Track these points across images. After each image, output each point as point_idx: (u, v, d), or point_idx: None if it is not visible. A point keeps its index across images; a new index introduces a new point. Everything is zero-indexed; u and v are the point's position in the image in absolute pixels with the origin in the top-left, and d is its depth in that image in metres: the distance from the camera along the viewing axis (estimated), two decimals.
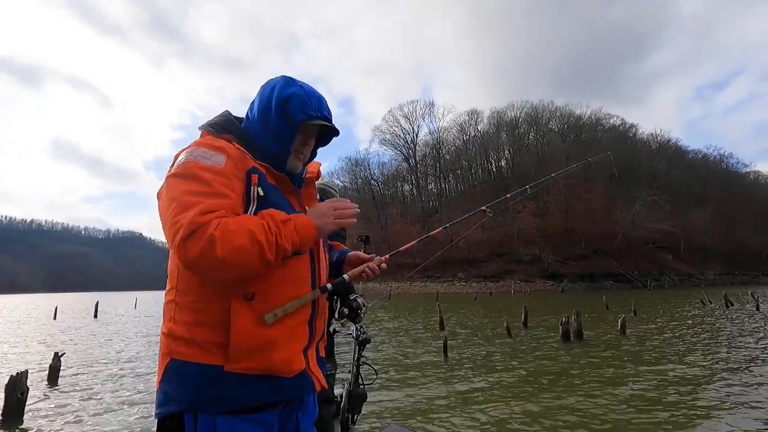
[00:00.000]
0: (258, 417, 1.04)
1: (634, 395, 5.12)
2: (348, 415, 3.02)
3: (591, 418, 4.39)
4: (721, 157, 75.76)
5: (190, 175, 1.02)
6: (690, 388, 5.31)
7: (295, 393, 1.12)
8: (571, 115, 70.80)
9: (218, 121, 1.20)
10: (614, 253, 49.76)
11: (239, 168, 1.07)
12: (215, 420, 0.99)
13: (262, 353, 1.03)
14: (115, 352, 9.59)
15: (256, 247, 0.95)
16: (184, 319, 1.04)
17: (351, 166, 77.19)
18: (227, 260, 0.93)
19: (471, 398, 5.22)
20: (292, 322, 1.09)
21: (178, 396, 1.00)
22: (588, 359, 7.49)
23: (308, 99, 1.16)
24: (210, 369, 1.00)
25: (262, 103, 1.19)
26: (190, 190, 0.99)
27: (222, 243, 0.92)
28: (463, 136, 73.42)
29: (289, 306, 1.06)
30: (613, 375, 6.22)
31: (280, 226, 1.01)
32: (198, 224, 0.92)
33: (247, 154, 1.11)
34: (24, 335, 13.83)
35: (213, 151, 1.06)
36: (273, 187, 1.14)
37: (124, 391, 5.99)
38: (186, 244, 0.92)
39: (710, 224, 54.53)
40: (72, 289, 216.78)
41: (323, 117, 1.18)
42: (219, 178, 1.02)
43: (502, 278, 46.79)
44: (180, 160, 1.06)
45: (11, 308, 34.43)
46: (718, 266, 52.98)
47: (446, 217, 60.47)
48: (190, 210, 0.95)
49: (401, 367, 7.16)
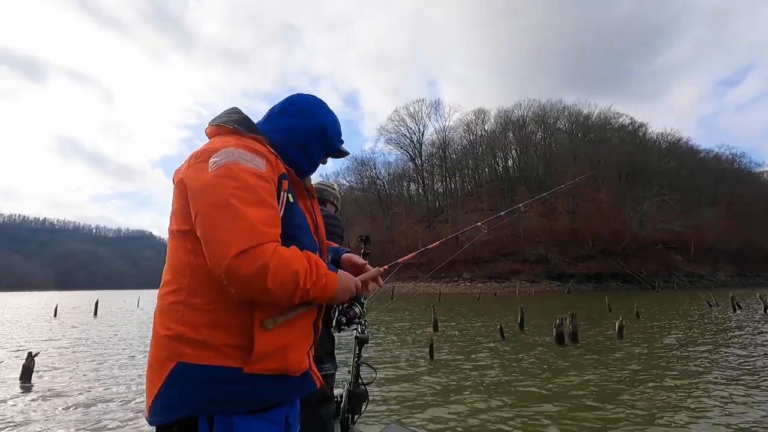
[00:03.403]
0: (271, 415, 1.06)
1: (618, 400, 5.02)
2: (348, 415, 3.01)
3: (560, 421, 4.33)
4: (733, 156, 74.66)
5: (236, 179, 1.00)
6: (678, 399, 4.99)
7: (302, 391, 1.14)
8: (579, 114, 70.30)
9: (241, 119, 1.18)
10: (622, 253, 49.25)
11: (275, 172, 1.09)
12: (232, 421, 0.99)
13: (280, 354, 1.05)
14: (98, 354, 9.58)
15: (292, 288, 0.99)
16: (195, 321, 1.01)
17: (357, 165, 77.42)
18: (269, 291, 0.96)
19: (450, 399, 5.22)
20: (305, 323, 1.13)
21: (188, 400, 0.98)
22: (577, 362, 7.36)
23: (339, 128, 1.33)
24: (227, 371, 0.99)
25: (298, 119, 1.26)
26: (242, 197, 0.98)
27: (274, 275, 0.95)
28: (469, 136, 73.31)
29: (291, 312, 1.06)
30: (599, 379, 6.09)
31: (319, 278, 1.05)
32: (256, 243, 0.95)
33: (279, 158, 1.13)
34: (11, 334, 13.94)
35: (252, 154, 1.05)
36: (294, 192, 1.17)
37: (99, 392, 5.87)
38: (239, 261, 0.93)
39: (721, 224, 53.70)
40: (81, 287, 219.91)
41: (344, 151, 1.37)
42: (263, 184, 1.03)
43: (508, 279, 46.51)
44: (219, 160, 1.03)
45: (16, 307, 34.95)
46: (730, 267, 52.16)
47: (452, 217, 60.37)
48: (244, 223, 0.96)
49: (384, 367, 7.11)
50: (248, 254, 0.94)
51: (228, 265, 0.93)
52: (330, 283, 1.09)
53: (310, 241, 1.20)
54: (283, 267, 0.97)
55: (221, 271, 0.94)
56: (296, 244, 1.09)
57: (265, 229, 0.98)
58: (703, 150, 74.60)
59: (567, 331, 9.60)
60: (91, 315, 21.86)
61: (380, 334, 11.83)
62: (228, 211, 0.97)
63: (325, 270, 1.08)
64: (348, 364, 3.08)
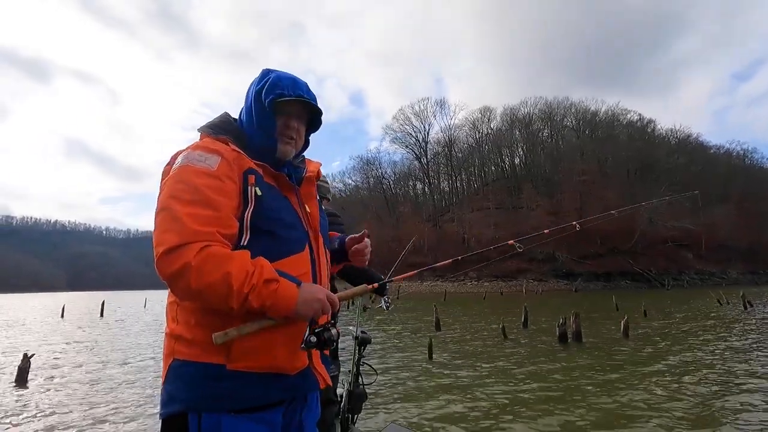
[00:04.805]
0: (262, 416, 1.04)
1: (619, 401, 4.94)
2: (348, 415, 3.02)
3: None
4: (745, 152, 73.44)
5: (181, 181, 1.03)
6: (683, 403, 4.79)
7: (299, 391, 1.12)
8: (586, 111, 69.59)
9: (216, 122, 1.23)
10: (631, 251, 48.66)
11: (234, 169, 1.08)
12: (220, 419, 0.99)
13: (263, 352, 1.03)
14: (93, 353, 9.64)
15: (224, 291, 0.94)
16: (185, 319, 1.05)
17: (362, 165, 77.52)
18: (195, 291, 0.95)
19: (449, 400, 5.20)
20: (285, 329, 1.09)
21: (181, 396, 1.01)
22: (578, 362, 7.27)
23: (279, 81, 1.17)
24: (211, 368, 1.00)
25: (247, 100, 1.21)
26: (180, 198, 1.01)
27: (198, 275, 0.93)
28: (475, 134, 72.99)
29: (246, 327, 1.00)
30: (600, 379, 6.01)
31: (261, 283, 0.97)
32: (182, 242, 0.94)
33: (243, 154, 1.12)
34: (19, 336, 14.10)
35: (208, 154, 1.07)
36: (271, 186, 1.15)
37: (96, 395, 5.83)
38: (163, 260, 0.94)
39: (733, 221, 52.80)
40: (93, 287, 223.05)
41: (297, 95, 1.18)
42: (211, 182, 1.03)
43: (515, 277, 46.20)
44: (176, 163, 1.08)
45: (30, 307, 35.48)
46: (742, 265, 51.28)
47: (458, 216, 60.15)
48: (176, 223, 0.97)
49: (384, 368, 7.11)
50: (172, 253, 0.94)
51: (156, 264, 0.95)
52: (283, 292, 1.00)
53: (294, 234, 1.16)
54: (210, 268, 0.93)
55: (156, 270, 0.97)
56: (273, 238, 1.09)
57: (197, 227, 0.96)
58: (714, 146, 73.58)
59: (570, 330, 9.49)
60: (98, 315, 22.20)
61: (381, 334, 11.81)
62: (165, 212, 1.00)
63: (275, 276, 1.00)
64: (347, 364, 3.10)
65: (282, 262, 1.09)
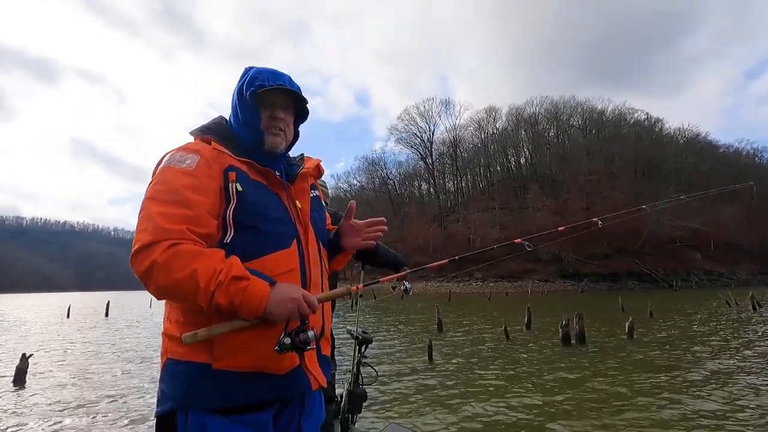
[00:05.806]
0: (249, 418, 1.03)
1: (620, 403, 4.89)
2: (348, 415, 3.03)
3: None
4: (754, 151, 72.44)
5: (160, 182, 1.06)
6: (688, 403, 4.76)
7: (287, 392, 1.09)
8: (593, 110, 69.06)
9: (207, 124, 1.25)
10: (638, 252, 48.16)
11: (213, 167, 1.09)
12: (205, 419, 1.00)
13: (246, 351, 1.02)
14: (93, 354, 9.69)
15: (191, 288, 0.94)
16: (176, 318, 1.07)
17: (367, 165, 77.59)
18: (164, 288, 0.96)
19: (449, 401, 5.19)
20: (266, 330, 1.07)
21: (171, 394, 1.03)
22: (581, 363, 7.20)
23: (259, 74, 1.18)
24: (197, 367, 1.02)
25: (232, 99, 1.24)
26: (156, 198, 1.03)
27: (165, 272, 0.94)
28: (480, 134, 72.73)
29: (216, 328, 0.99)
30: (602, 381, 5.95)
31: (230, 281, 0.96)
32: (152, 241, 0.95)
33: (226, 152, 1.12)
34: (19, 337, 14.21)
35: (189, 154, 1.09)
36: (257, 182, 1.14)
37: (94, 393, 5.81)
38: (134, 258, 0.97)
39: (742, 221, 52.04)
40: (101, 287, 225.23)
41: (277, 84, 1.18)
42: (188, 181, 1.04)
43: (521, 278, 45.93)
44: (158, 167, 1.11)
45: (34, 308, 35.85)
46: (751, 265, 50.50)
47: (463, 216, 59.93)
48: (149, 223, 0.99)
49: (384, 368, 7.08)
50: (142, 252, 0.96)
51: (130, 263, 0.97)
52: (252, 291, 0.97)
53: (281, 230, 1.13)
54: (177, 265, 0.94)
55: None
56: (257, 234, 1.09)
57: (167, 226, 0.97)
58: (723, 145, 72.77)
59: (574, 331, 9.38)
60: (103, 315, 22.43)
61: (381, 334, 11.78)
62: (142, 212, 1.03)
63: (244, 274, 0.98)
64: (347, 364, 3.11)
65: (268, 257, 1.08)
